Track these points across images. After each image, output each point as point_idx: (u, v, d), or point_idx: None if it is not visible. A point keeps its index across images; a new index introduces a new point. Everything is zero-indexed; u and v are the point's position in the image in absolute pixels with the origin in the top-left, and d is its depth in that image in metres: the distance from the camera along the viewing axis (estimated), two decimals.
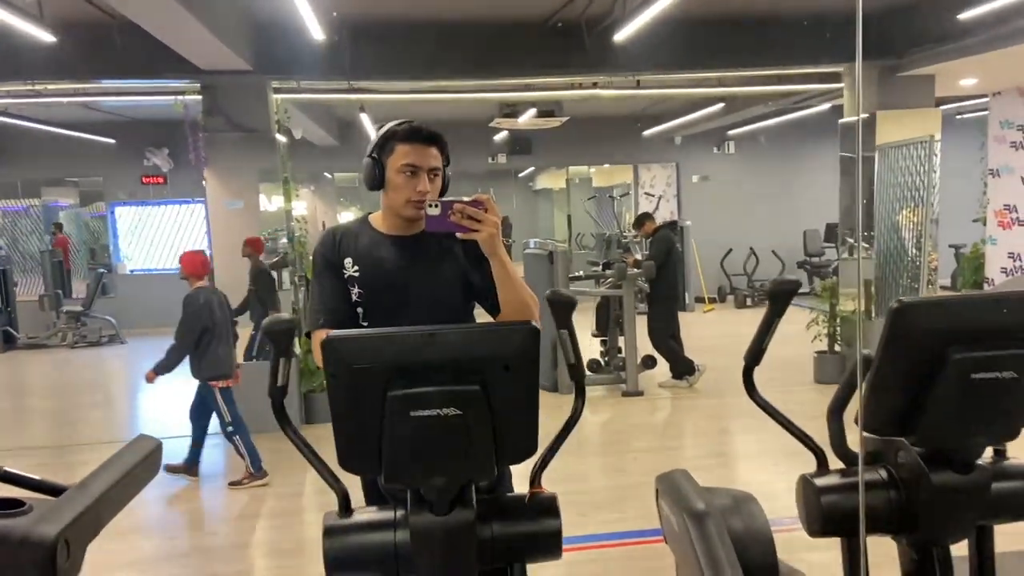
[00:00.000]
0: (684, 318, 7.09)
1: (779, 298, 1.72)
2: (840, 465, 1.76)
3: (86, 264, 12.88)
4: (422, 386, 1.37)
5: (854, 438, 1.73)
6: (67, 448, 5.90)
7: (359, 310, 1.95)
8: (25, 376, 9.19)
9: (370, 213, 2.06)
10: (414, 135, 1.92)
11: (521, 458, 1.53)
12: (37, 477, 1.42)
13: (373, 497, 1.87)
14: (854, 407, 1.66)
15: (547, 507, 1.61)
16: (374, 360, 1.39)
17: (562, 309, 1.63)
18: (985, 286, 8.35)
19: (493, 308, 1.93)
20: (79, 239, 13.21)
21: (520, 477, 1.75)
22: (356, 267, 1.95)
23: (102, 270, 11.23)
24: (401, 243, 1.96)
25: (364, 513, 1.60)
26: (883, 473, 1.69)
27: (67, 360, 9.70)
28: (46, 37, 4.44)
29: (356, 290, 1.94)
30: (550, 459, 1.68)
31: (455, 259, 1.93)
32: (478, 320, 2.02)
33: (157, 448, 1.50)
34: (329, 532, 1.57)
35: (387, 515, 1.56)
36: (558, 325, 1.63)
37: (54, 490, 1.40)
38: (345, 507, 1.58)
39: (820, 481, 1.69)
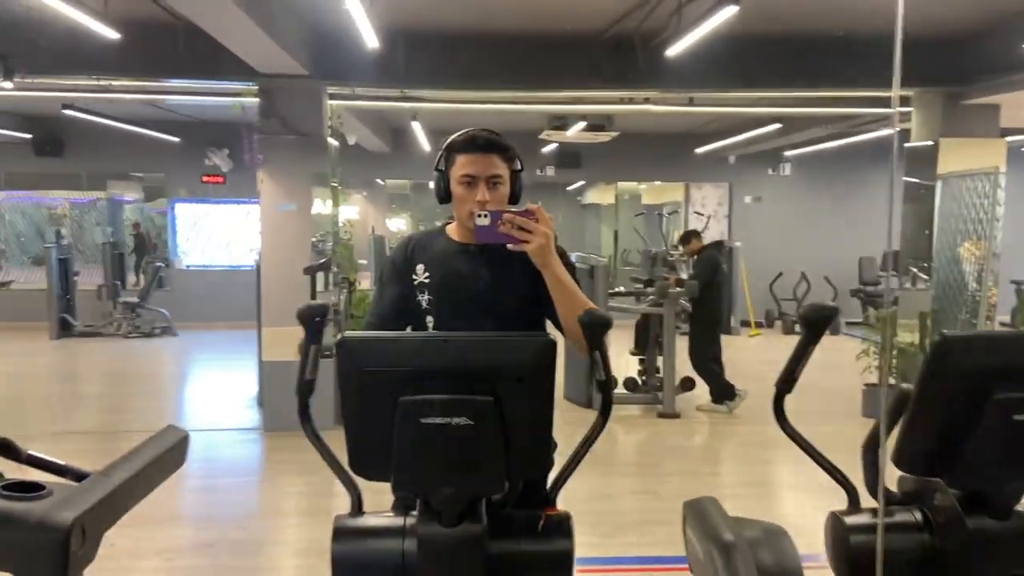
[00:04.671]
0: (728, 342, 6.94)
1: (814, 324, 1.65)
2: (873, 504, 1.68)
3: (145, 257, 13.28)
4: (434, 393, 1.36)
5: (892, 476, 1.65)
6: (111, 434, 6.06)
7: (429, 317, 1.94)
8: (78, 363, 9.50)
9: (447, 223, 2.06)
10: (470, 144, 1.90)
11: (532, 473, 1.50)
12: (62, 462, 1.44)
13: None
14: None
15: (560, 527, 1.57)
16: (387, 364, 1.38)
17: (596, 330, 1.59)
18: None
19: (558, 323, 1.87)
20: (145, 232, 13.68)
21: None
22: (427, 273, 1.94)
23: (159, 264, 11.57)
24: (473, 252, 1.94)
25: (375, 518, 1.58)
26: (917, 515, 1.60)
27: (120, 349, 10.00)
28: (110, 34, 4.59)
29: (426, 296, 1.93)
30: (568, 476, 1.64)
31: (527, 270, 1.86)
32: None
33: (184, 439, 1.50)
34: (338, 533, 1.56)
35: (397, 522, 1.54)
36: (591, 347, 1.59)
37: (77, 476, 1.41)
38: (358, 509, 1.57)
39: (850, 520, 1.62)
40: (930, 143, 6.86)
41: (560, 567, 1.55)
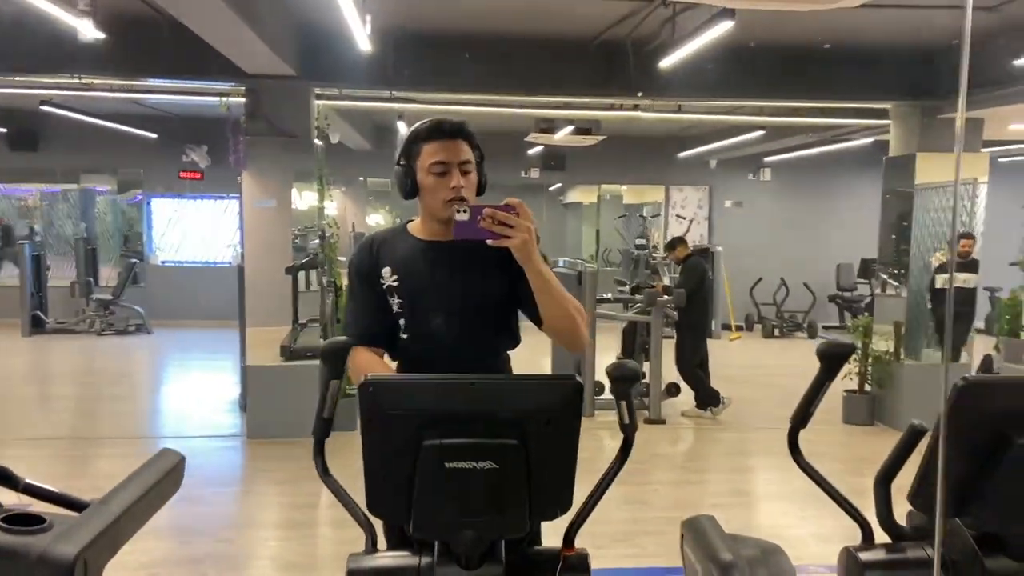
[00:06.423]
0: (710, 345, 6.98)
1: (831, 361, 1.65)
2: (887, 538, 1.68)
3: (118, 251, 13.00)
4: (459, 437, 1.33)
5: (900, 510, 1.66)
6: (86, 440, 5.93)
7: (400, 321, 1.87)
8: (51, 362, 9.30)
9: (409, 221, 1.97)
10: (437, 131, 1.82)
11: (555, 515, 1.48)
12: (59, 490, 1.40)
13: (394, 539, 1.81)
14: (901, 479, 1.59)
15: (579, 568, 1.55)
16: (411, 407, 1.35)
17: (624, 382, 1.56)
18: (1023, 335, 8.12)
19: (537, 319, 1.82)
20: (113, 226, 13.38)
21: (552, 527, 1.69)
22: (395, 276, 1.86)
23: (134, 259, 11.35)
24: (441, 250, 1.86)
25: (389, 557, 1.55)
26: (930, 551, 1.61)
27: (93, 347, 9.81)
28: (95, 34, 4.47)
29: (396, 300, 1.86)
30: (587, 516, 1.62)
31: (499, 266, 1.79)
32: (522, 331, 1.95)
33: (180, 462, 1.47)
34: (353, 574, 1.53)
35: (412, 561, 1.51)
36: (618, 398, 1.56)
37: (76, 505, 1.38)
38: (372, 548, 1.54)
39: (864, 555, 1.61)
40: (907, 154, 6.92)
41: None
